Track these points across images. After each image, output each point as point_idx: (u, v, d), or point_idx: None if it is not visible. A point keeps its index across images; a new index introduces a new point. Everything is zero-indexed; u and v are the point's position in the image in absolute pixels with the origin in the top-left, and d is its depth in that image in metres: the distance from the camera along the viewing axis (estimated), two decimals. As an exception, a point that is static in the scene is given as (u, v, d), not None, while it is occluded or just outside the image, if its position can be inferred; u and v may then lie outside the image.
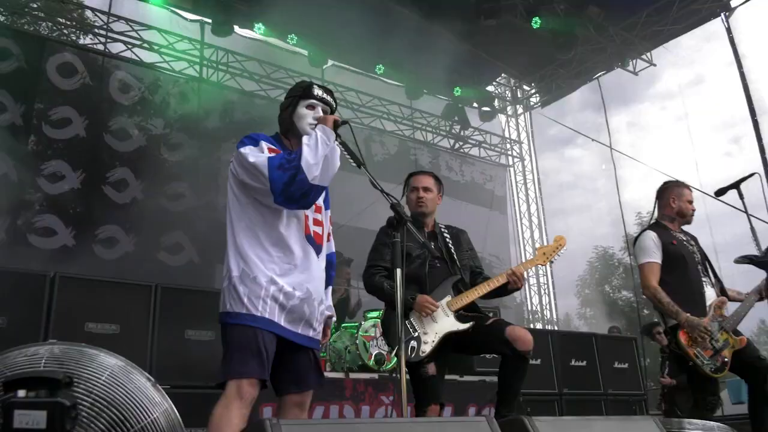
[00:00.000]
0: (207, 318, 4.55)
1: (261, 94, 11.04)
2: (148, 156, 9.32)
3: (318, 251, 2.86)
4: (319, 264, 2.85)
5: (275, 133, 3.01)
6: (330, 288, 3.05)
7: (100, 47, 9.69)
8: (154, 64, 10.05)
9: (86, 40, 9.85)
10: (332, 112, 2.99)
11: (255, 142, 2.78)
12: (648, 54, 12.18)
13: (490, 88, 13.93)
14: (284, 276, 2.69)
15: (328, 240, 3.05)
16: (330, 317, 2.99)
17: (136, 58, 9.89)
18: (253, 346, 2.58)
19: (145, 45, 10.02)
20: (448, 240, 3.97)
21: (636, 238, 4.32)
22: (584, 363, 6.80)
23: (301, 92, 2.96)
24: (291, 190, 2.59)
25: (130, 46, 9.89)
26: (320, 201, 2.92)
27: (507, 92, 14.50)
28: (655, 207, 4.42)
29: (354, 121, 12.24)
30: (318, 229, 2.89)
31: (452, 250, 3.92)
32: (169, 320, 4.53)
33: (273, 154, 2.70)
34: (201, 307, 4.62)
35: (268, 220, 2.73)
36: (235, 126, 10.17)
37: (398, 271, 2.74)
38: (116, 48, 9.82)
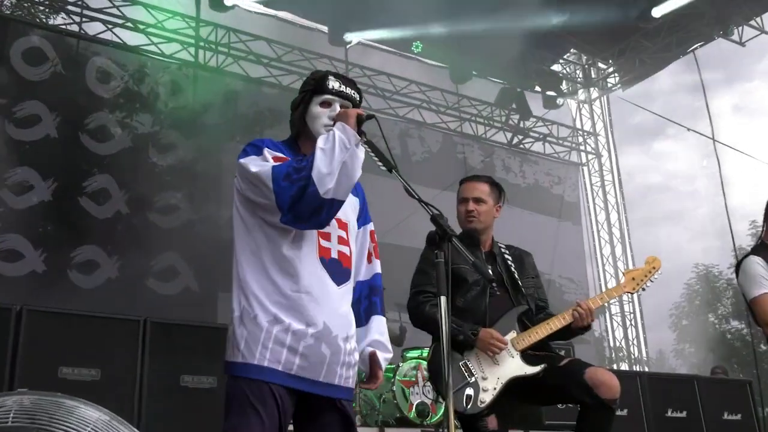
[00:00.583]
0: (207, 360, 4.59)
1: (271, 82, 11.17)
2: (134, 160, 9.48)
3: (343, 276, 2.86)
4: (341, 292, 2.85)
5: (289, 136, 3.05)
6: (379, 318, 3.06)
7: (75, 28, 9.87)
8: (140, 48, 10.23)
9: (57, 20, 10.06)
10: (355, 107, 3.00)
11: (257, 150, 2.81)
12: (758, 19, 12.01)
13: (556, 67, 13.87)
14: (292, 310, 2.71)
15: (369, 261, 3.10)
16: (373, 354, 3.00)
17: (118, 41, 10.06)
18: (245, 402, 2.61)
19: (129, 24, 10.19)
20: (510, 263, 3.99)
21: (738, 265, 4.24)
22: (684, 414, 6.74)
23: (314, 86, 2.97)
24: (299, 206, 2.61)
25: (110, 26, 10.06)
26: (346, 215, 2.93)
27: (578, 72, 14.44)
28: (764, 225, 4.30)
29: (385, 113, 12.41)
30: (344, 249, 2.90)
31: (515, 275, 3.93)
32: (161, 363, 4.57)
33: (278, 163, 2.73)
34: (200, 347, 4.66)
35: (273, 240, 2.76)
36: (239, 121, 10.32)
37: (442, 299, 2.72)
38: (94, 29, 10.00)
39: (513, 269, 3.93)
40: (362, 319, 3.01)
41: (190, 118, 9.97)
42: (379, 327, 3.04)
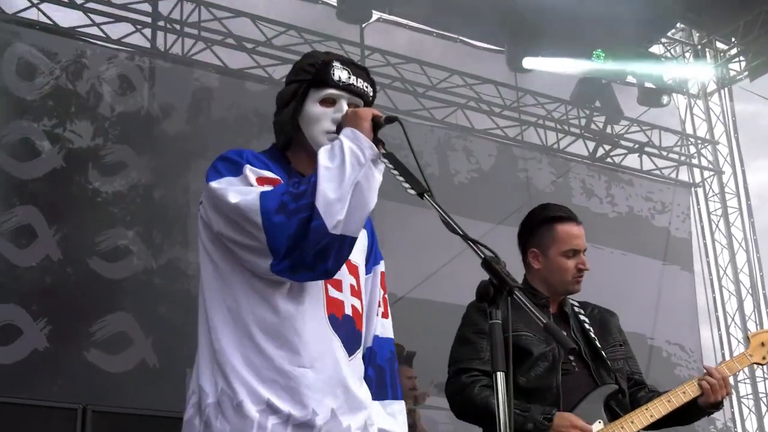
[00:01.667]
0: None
1: (257, 74, 11.24)
2: (68, 186, 9.51)
3: (356, 341, 2.89)
4: (353, 365, 2.87)
5: (272, 146, 3.08)
6: (397, 403, 3.10)
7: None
8: (76, 30, 10.28)
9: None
10: (367, 105, 3.02)
11: (234, 168, 2.81)
12: None
13: (657, 49, 13.85)
14: (292, 393, 2.70)
15: (384, 316, 3.13)
16: None
17: (47, 21, 10.09)
18: None
19: (62, -3, 10.27)
20: (587, 326, 4.04)
21: None
22: None
23: (312, 75, 2.98)
24: (302, 249, 2.60)
25: (35, 0, 10.06)
26: (354, 255, 2.90)
27: (687, 55, 14.40)
28: None
29: (417, 115, 12.33)
30: (355, 303, 2.93)
31: (596, 343, 3.97)
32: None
33: (266, 188, 2.73)
34: (160, 444, 4.70)
35: (261, 293, 2.76)
36: (214, 130, 10.29)
37: (499, 376, 2.73)
38: (12, 4, 9.99)
39: (593, 335, 3.96)
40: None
41: (146, 127, 10.04)
42: (395, 412, 3.05)
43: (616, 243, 12.50)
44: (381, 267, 3.18)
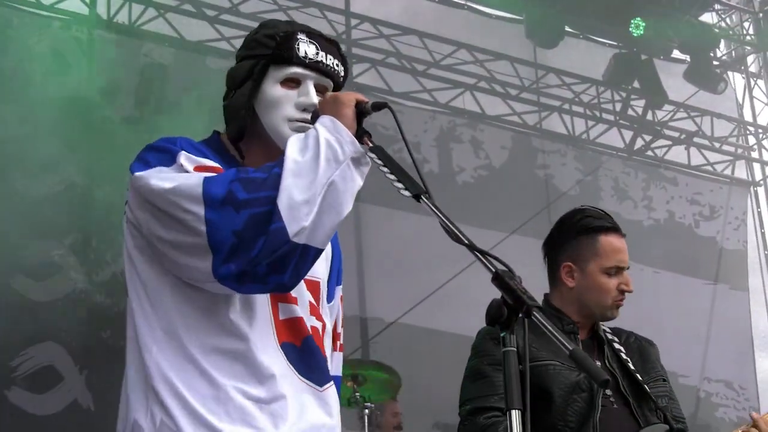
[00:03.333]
0: None
1: (221, 48, 11.27)
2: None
3: (319, 369, 2.90)
4: (326, 395, 2.91)
5: (213, 133, 3.11)
6: None
7: None
8: (-2, -6, 10.31)
9: None
10: (338, 89, 3.05)
11: (165, 156, 2.84)
12: None
13: (708, 17, 13.86)
14: (249, 422, 2.72)
15: (340, 349, 3.19)
16: None
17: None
18: None
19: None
20: (623, 356, 4.06)
21: None
22: None
23: (272, 50, 3.00)
24: (252, 253, 2.59)
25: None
26: (316, 269, 2.92)
27: (747, 24, 14.40)
28: None
29: (416, 98, 12.38)
30: (315, 324, 2.96)
31: (636, 375, 3.99)
32: None
33: (209, 174, 2.73)
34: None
35: (204, 311, 2.77)
36: (166, 115, 10.29)
37: (514, 415, 2.71)
38: None
39: (630, 366, 3.95)
40: None
41: (84, 112, 9.98)
42: None
43: (649, 258, 12.36)
44: (340, 291, 3.23)
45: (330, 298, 3.13)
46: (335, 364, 3.13)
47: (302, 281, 2.82)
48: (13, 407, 8.93)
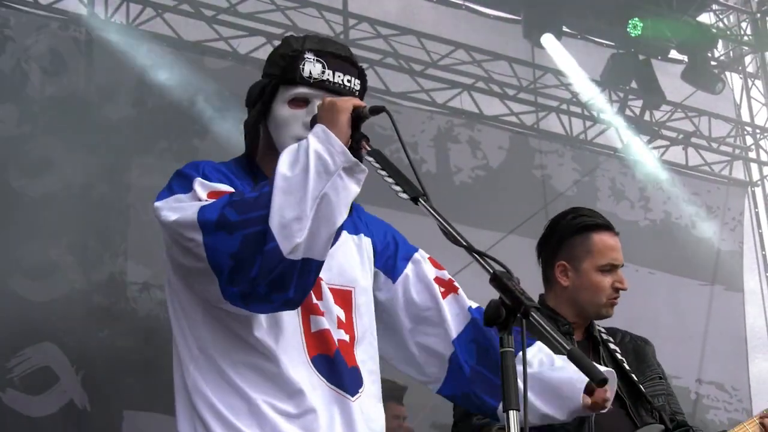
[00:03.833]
0: None
1: (219, 49, 11.25)
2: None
3: (354, 382, 2.92)
4: (359, 404, 2.92)
5: (242, 154, 3.12)
6: (536, 346, 3.21)
7: None
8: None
9: None
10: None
11: (186, 183, 2.86)
12: None
13: (706, 17, 13.85)
14: None
15: (454, 292, 3.30)
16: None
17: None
18: None
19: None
20: (619, 356, 4.07)
21: None
22: None
23: (281, 69, 3.02)
24: (250, 274, 2.61)
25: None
26: (346, 275, 2.99)
27: (744, 24, 14.40)
28: None
29: (414, 98, 12.33)
30: (343, 336, 2.96)
31: (632, 377, 4.01)
32: None
33: (211, 200, 2.76)
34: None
35: (232, 329, 2.82)
36: (165, 118, 10.27)
37: (511, 415, 2.72)
38: None
39: (625, 366, 3.96)
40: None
41: (82, 114, 9.99)
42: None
43: (649, 261, 12.36)
44: (420, 255, 3.30)
45: (395, 274, 3.18)
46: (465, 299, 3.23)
47: (330, 294, 2.88)
48: (6, 409, 8.90)
